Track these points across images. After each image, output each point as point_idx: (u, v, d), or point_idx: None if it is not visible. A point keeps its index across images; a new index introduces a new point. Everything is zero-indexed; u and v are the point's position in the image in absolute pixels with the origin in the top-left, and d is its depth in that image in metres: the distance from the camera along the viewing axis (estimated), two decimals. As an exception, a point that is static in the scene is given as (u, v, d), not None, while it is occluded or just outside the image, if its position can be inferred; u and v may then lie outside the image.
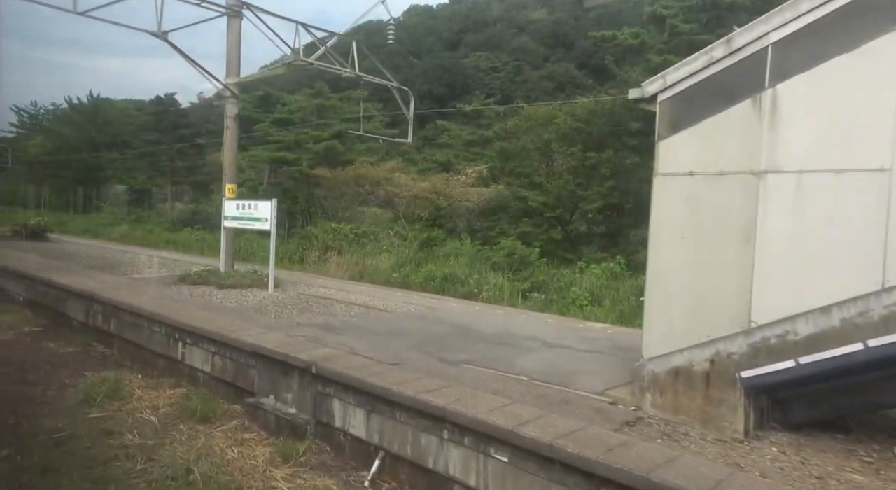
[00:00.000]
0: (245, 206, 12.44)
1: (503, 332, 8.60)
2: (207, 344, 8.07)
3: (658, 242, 5.20)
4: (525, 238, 21.82)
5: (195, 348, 8.35)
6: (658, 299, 5.12)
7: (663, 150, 5.17)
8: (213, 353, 7.99)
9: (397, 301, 11.47)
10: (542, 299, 15.41)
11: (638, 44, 17.19)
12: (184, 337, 8.57)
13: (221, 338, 7.71)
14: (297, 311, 9.84)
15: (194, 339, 8.33)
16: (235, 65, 14.26)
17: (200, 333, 8.15)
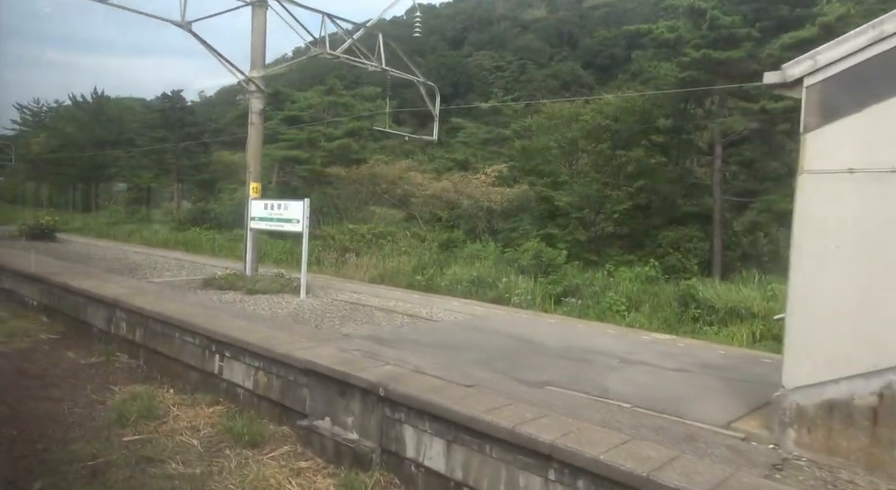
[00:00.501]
0: (274, 207, 11.77)
1: (567, 345, 7.94)
2: (250, 358, 7.40)
3: (803, 252, 4.48)
4: (549, 240, 21.16)
5: (235, 362, 7.68)
6: (804, 320, 4.42)
7: (812, 143, 4.43)
8: (257, 369, 7.32)
9: (437, 308, 10.81)
10: (578, 305, 14.73)
11: (674, 38, 16.53)
12: (222, 349, 7.90)
13: (267, 352, 7.04)
14: (337, 320, 9.16)
15: (234, 351, 7.66)
16: (260, 58, 13.59)
17: (241, 346, 7.48)
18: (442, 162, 30.29)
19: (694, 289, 14.12)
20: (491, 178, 24.21)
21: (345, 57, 14.85)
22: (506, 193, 21.90)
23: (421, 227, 25.80)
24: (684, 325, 13.40)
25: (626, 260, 20.89)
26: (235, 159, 52.39)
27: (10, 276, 14.26)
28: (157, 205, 48.22)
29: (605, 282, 16.40)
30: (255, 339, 7.42)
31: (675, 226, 19.85)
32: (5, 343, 10.70)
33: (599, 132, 21.14)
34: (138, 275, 13.67)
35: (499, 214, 23.10)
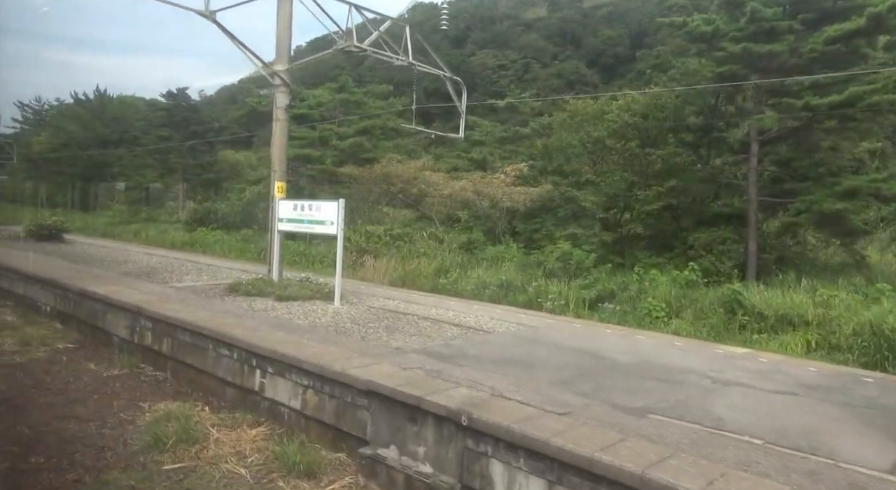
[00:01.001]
0: (304, 208, 11.08)
1: (640, 360, 7.27)
2: (297, 375, 6.72)
3: None
4: (573, 241, 20.46)
5: (279, 379, 6.99)
6: None
7: None
8: (306, 387, 6.63)
9: (480, 316, 10.13)
10: (616, 311, 14.04)
11: (711, 31, 15.85)
12: (263, 364, 7.22)
13: (319, 369, 6.36)
14: (382, 331, 8.47)
15: (278, 367, 6.97)
16: (285, 49, 12.91)
17: (288, 362, 6.80)
18: (459, 161, 29.57)
19: (740, 294, 13.43)
20: (511, 177, 23.52)
21: (372, 50, 14.18)
22: (530, 193, 21.19)
23: (437, 227, 25.13)
24: (733, 334, 12.71)
25: (654, 262, 20.17)
26: (240, 159, 51.86)
27: (21, 280, 13.57)
28: (161, 204, 47.43)
29: (640, 286, 15.68)
30: (304, 354, 6.74)
31: (704, 227, 19.17)
32: (22, 353, 10.04)
33: (626, 130, 20.44)
34: (156, 279, 12.98)
35: (520, 215, 22.39)
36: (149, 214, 43.24)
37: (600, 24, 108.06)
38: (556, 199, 20.50)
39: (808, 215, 16.13)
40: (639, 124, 19.45)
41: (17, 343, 10.59)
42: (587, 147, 22.34)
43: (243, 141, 58.35)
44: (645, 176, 19.49)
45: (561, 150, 23.65)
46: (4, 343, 10.57)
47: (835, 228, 16.75)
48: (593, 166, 22.32)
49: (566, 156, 23.39)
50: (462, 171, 28.05)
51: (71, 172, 54.84)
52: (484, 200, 22.43)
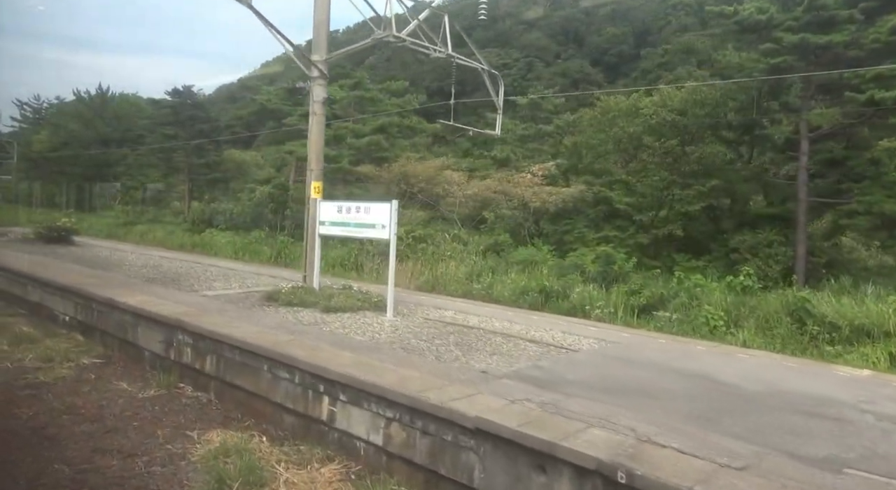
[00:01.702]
0: (350, 210, 10.17)
1: (771, 389, 6.38)
2: (378, 405, 5.81)
3: None
4: (606, 244, 19.59)
5: (355, 409, 6.08)
6: None
7: None
8: (390, 420, 5.72)
9: (549, 329, 9.26)
10: (673, 320, 13.12)
11: (765, 20, 14.98)
12: (333, 390, 6.31)
13: (410, 401, 5.45)
14: (455, 349, 7.57)
15: (353, 395, 6.06)
16: (324, 39, 12.01)
17: (366, 389, 5.90)
18: (481, 160, 28.63)
19: (808, 302, 12.54)
20: (538, 177, 22.62)
21: (411, 40, 13.27)
22: (562, 193, 20.28)
23: (459, 228, 24.24)
24: (802, 346, 11.83)
25: (692, 266, 19.32)
26: (246, 158, 50.89)
27: (38, 287, 12.63)
28: (166, 204, 46.38)
29: (692, 293, 14.79)
30: (385, 380, 5.83)
31: (746, 229, 18.32)
32: (45, 370, 9.11)
33: (663, 127, 19.55)
34: (184, 286, 12.05)
35: (548, 216, 21.50)
36: (154, 215, 42.30)
37: (603, 23, 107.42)
38: (589, 199, 19.58)
39: (867, 217, 15.24)
40: (678, 121, 18.53)
41: (39, 358, 9.67)
42: (620, 145, 21.42)
43: (248, 140, 57.45)
44: (683, 175, 18.57)
45: (591, 148, 22.72)
46: (25, 358, 9.66)
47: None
48: (625, 165, 21.41)
49: (597, 154, 22.47)
50: (478, 170, 27.08)
51: (72, 172, 53.77)
52: (510, 200, 21.52)
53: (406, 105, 29.46)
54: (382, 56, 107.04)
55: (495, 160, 27.51)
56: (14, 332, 11.21)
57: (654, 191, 19.44)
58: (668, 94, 20.05)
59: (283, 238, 27.70)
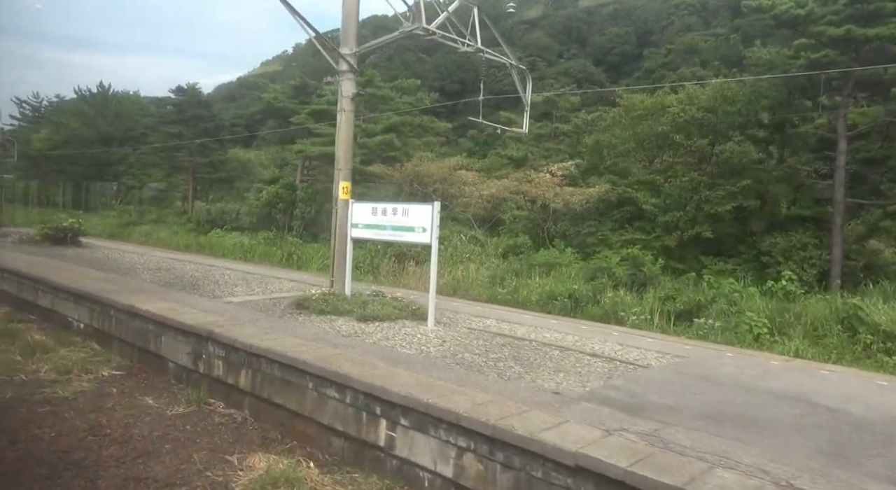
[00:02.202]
0: (387, 212, 9.54)
1: (886, 415, 5.74)
2: (448, 432, 5.20)
3: None
4: (633, 247, 18.98)
5: (418, 435, 5.47)
6: None
7: None
8: (464, 450, 5.11)
9: (608, 342, 8.64)
10: (716, 327, 12.50)
11: (804, 14, 14.39)
12: (392, 414, 5.69)
13: (490, 430, 4.84)
14: (514, 364, 6.95)
15: (417, 420, 5.45)
16: (353, 31, 11.39)
17: (432, 414, 5.28)
18: (497, 160, 28.01)
19: (860, 309, 11.94)
20: (558, 176, 22.00)
21: (441, 33, 12.65)
22: (586, 194, 19.65)
23: (475, 229, 23.64)
24: (855, 356, 11.24)
25: (721, 269, 18.72)
26: (251, 157, 50.19)
27: (49, 292, 11.99)
28: (169, 204, 45.67)
29: (731, 298, 14.19)
30: (457, 405, 5.22)
31: (777, 231, 17.73)
32: (63, 383, 8.48)
33: (690, 125, 18.92)
34: (205, 292, 11.43)
35: (569, 217, 20.88)
36: (157, 215, 41.61)
37: (605, 23, 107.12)
38: (613, 200, 18.96)
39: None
40: (708, 119, 17.91)
41: (55, 370, 9.05)
42: (644, 144, 20.79)
43: (249, 139, 56.73)
44: (712, 175, 17.96)
45: (612, 147, 22.09)
46: (40, 370, 9.04)
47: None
48: (648, 165, 20.79)
49: (618, 153, 21.84)
50: (493, 169, 26.45)
51: (72, 171, 53.02)
52: (533, 201, 20.89)
53: (417, 104, 28.79)
54: (384, 55, 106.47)
55: (511, 159, 26.88)
56: (26, 340, 10.62)
57: (681, 191, 18.82)
58: (693, 92, 19.43)
59: (293, 239, 27.11)
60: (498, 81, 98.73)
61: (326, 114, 31.83)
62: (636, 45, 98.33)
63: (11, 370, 8.96)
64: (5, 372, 8.83)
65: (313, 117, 32.12)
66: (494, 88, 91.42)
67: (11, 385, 8.37)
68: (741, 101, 18.23)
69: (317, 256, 23.70)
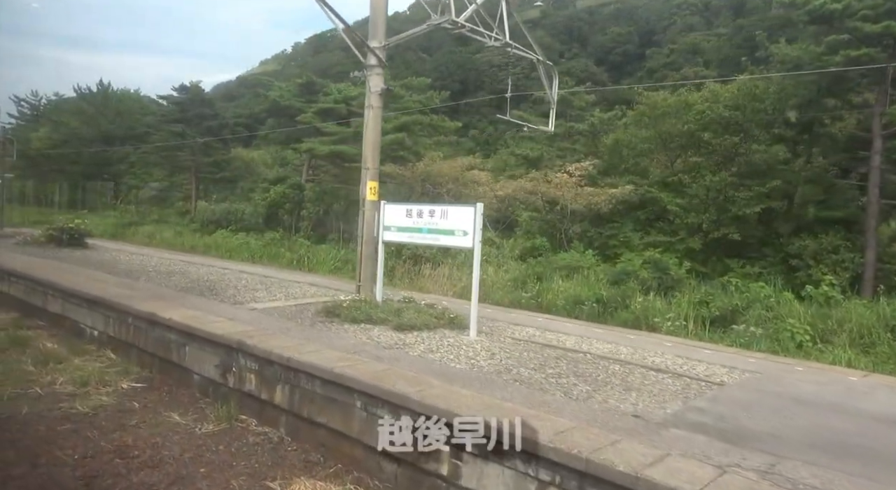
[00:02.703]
0: (423, 214, 8.98)
1: None
2: (529, 464, 4.64)
3: None
4: (655, 249, 18.44)
5: (491, 466, 4.92)
6: None
7: None
8: (547, 484, 4.57)
9: (666, 354, 8.10)
10: (758, 335, 11.96)
11: (841, 9, 13.89)
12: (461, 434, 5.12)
13: (584, 465, 4.28)
14: (580, 381, 6.41)
15: (493, 451, 4.88)
16: (381, 23, 10.86)
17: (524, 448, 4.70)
18: (512, 160, 27.42)
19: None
20: (576, 177, 21.45)
21: (470, 26, 12.14)
22: (608, 194, 19.09)
23: (490, 231, 23.09)
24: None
25: (747, 272, 18.20)
26: (254, 156, 49.54)
27: (59, 297, 11.42)
28: (170, 204, 45.02)
29: (767, 304, 13.68)
30: (541, 435, 4.65)
31: (805, 233, 17.20)
32: (81, 397, 7.91)
33: (716, 124, 18.36)
34: (225, 298, 10.86)
35: (589, 219, 20.33)
36: (159, 215, 40.99)
37: (606, 23, 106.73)
38: (635, 201, 18.41)
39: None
40: (735, 117, 17.36)
41: (72, 381, 8.49)
42: (666, 143, 20.23)
43: (250, 138, 56.04)
44: (740, 175, 17.42)
45: (632, 146, 21.53)
46: (56, 382, 8.47)
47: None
48: (670, 164, 20.23)
49: (638, 153, 21.28)
50: (508, 170, 25.88)
51: (72, 170, 52.29)
52: (547, 202, 20.34)
53: (427, 102, 28.24)
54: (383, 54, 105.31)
55: (526, 159, 26.34)
56: (38, 348, 10.05)
57: (707, 192, 18.27)
58: (718, 90, 18.88)
59: (301, 240, 26.56)
60: (499, 81, 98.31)
61: (333, 113, 31.30)
62: (638, 45, 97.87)
63: (25, 382, 8.41)
64: (19, 385, 8.26)
65: (320, 116, 31.56)
66: (495, 88, 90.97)
67: (27, 399, 7.81)
68: (771, 99, 17.69)
69: (327, 258, 23.17)
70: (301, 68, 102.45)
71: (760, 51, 68.77)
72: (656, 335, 10.30)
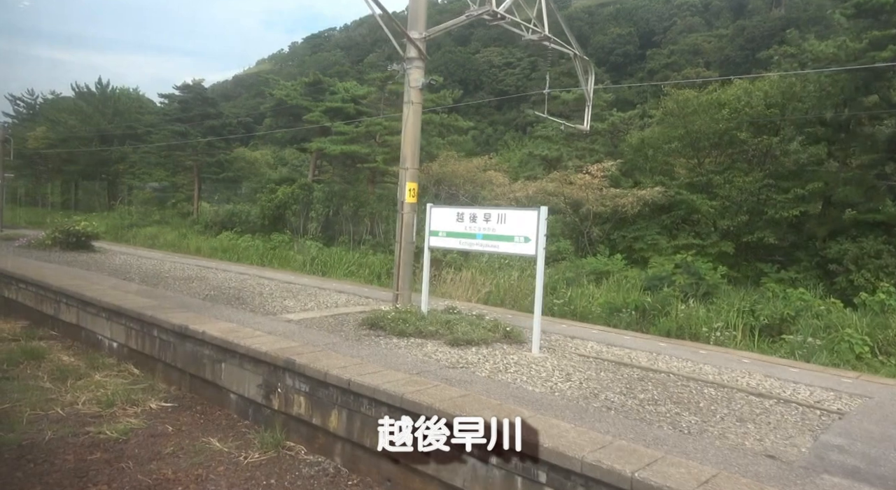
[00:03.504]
0: (476, 218, 8.26)
1: None
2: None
3: None
4: (685, 253, 17.77)
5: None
6: None
7: None
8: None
9: (754, 374, 7.35)
10: (817, 346, 11.28)
11: (892, 2, 13.22)
12: (566, 485, 4.41)
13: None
14: (681, 410, 5.69)
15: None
16: (422, 14, 10.15)
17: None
18: (525, 159, 26.69)
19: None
20: (598, 177, 20.76)
21: (511, 17, 11.46)
22: (637, 196, 18.38)
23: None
24: None
25: (782, 278, 17.54)
26: (257, 156, 48.75)
27: (75, 306, 10.66)
28: (172, 205, 44.14)
29: (814, 311, 13.03)
30: (679, 483, 3.94)
31: (842, 237, 16.54)
32: (108, 419, 7.18)
33: (750, 123, 17.67)
34: (253, 306, 10.12)
35: (612, 221, 19.64)
36: (160, 216, 40.18)
37: (606, 23, 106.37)
38: (664, 203, 17.72)
39: None
40: (773, 115, 16.67)
41: (95, 401, 7.76)
42: (696, 143, 19.52)
43: (252, 138, 55.21)
44: (776, 176, 16.75)
45: (658, 146, 20.84)
46: (78, 401, 7.73)
47: None
48: (698, 165, 19.54)
49: (664, 153, 20.59)
50: (525, 169, 25.14)
51: (69, 170, 51.33)
52: (570, 204, 19.64)
53: (440, 101, 27.52)
54: (382, 54, 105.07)
55: (544, 159, 25.62)
56: (54, 362, 9.31)
57: (741, 194, 17.58)
58: (749, 88, 18.19)
59: (310, 242, 25.85)
60: (499, 81, 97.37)
61: (341, 112, 30.56)
62: (638, 46, 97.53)
63: (45, 402, 7.68)
64: (39, 405, 7.53)
65: (327, 115, 30.82)
66: (496, 89, 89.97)
67: (48, 422, 7.08)
68: (812, 98, 17.00)
69: (340, 262, 22.48)
70: (299, 68, 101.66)
71: (762, 51, 68.36)
72: (731, 350, 9.60)
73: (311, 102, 32.77)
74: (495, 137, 69.48)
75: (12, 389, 7.96)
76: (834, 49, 17.03)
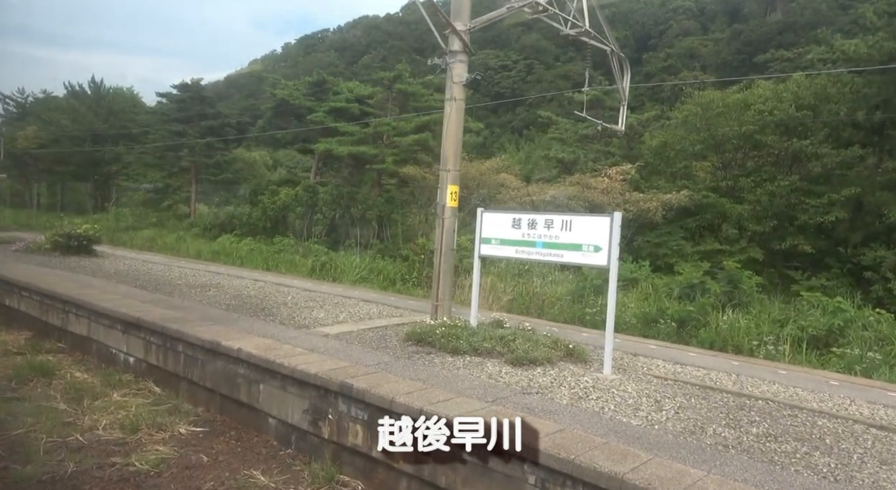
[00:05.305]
0: (537, 225, 7.54)
1: None
2: None
3: None
4: (711, 259, 17.11)
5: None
6: None
7: None
8: None
9: (855, 401, 6.66)
10: (878, 362, 10.60)
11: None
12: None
13: None
14: (809, 448, 5.01)
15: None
16: (468, 4, 9.43)
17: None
18: (539, 161, 26.02)
19: None
20: (617, 181, 20.09)
21: (553, 10, 10.79)
22: (661, 200, 17.71)
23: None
24: None
25: (812, 285, 16.91)
26: (256, 157, 47.84)
27: (85, 316, 9.84)
28: (167, 208, 43.12)
29: (864, 322, 12.35)
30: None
31: (874, 243, 15.95)
32: (135, 447, 6.42)
33: (778, 125, 17.06)
34: (281, 318, 9.36)
35: (635, 227, 18.97)
36: (157, 219, 39.21)
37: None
38: (691, 207, 17.06)
39: None
40: (805, 118, 16.07)
41: (118, 424, 6.98)
42: (721, 146, 18.89)
43: (247, 139, 54.22)
44: (809, 180, 16.14)
45: (680, 149, 20.19)
46: (98, 425, 6.95)
47: None
48: (723, 168, 18.91)
49: (687, 155, 19.95)
50: (535, 171, 24.47)
51: (60, 170, 50.16)
52: (591, 208, 18.96)
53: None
54: (378, 55, 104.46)
55: (560, 162, 24.93)
56: (66, 379, 8.50)
57: (771, 198, 16.94)
58: (777, 89, 17.58)
59: (315, 246, 25.05)
60: (495, 84, 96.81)
61: (346, 112, 29.77)
62: (635, 49, 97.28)
63: (62, 426, 6.89)
64: (56, 430, 6.75)
65: (331, 115, 30.03)
66: (492, 92, 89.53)
67: (68, 451, 6.30)
68: (847, 100, 16.41)
69: (350, 268, 21.68)
70: (293, 69, 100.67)
71: (759, 55, 68.13)
72: (818, 371, 8.94)
73: (314, 102, 31.99)
74: (492, 140, 68.88)
75: (25, 412, 7.16)
76: (866, 49, 16.46)
